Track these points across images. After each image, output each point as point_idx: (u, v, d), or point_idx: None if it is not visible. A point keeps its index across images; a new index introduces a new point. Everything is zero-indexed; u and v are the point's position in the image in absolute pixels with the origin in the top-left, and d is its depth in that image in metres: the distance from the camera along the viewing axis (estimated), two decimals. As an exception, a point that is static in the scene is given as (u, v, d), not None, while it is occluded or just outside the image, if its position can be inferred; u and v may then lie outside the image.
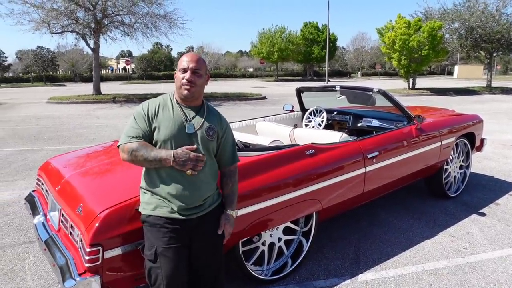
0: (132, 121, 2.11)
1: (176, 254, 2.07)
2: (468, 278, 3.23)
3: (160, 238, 2.06)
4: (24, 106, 17.86)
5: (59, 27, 19.31)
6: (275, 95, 23.20)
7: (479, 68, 56.02)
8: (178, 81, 2.08)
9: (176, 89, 2.12)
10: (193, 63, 2.06)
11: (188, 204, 2.07)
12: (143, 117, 2.08)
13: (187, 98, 2.10)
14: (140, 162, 2.04)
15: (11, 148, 8.40)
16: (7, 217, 4.53)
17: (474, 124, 5.19)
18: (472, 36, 25.09)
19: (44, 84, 43.63)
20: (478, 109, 14.29)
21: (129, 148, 2.03)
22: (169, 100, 2.15)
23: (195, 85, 2.07)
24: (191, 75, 2.05)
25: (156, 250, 2.07)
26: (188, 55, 2.12)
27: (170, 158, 1.97)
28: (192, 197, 2.07)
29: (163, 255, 2.06)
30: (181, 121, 2.08)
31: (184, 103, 2.13)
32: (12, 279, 3.25)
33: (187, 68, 2.06)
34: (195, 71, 2.07)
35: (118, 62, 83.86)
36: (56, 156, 3.73)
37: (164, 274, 2.06)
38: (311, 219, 3.35)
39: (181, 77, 2.07)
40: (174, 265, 2.06)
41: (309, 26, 49.77)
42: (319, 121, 5.14)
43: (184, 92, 2.07)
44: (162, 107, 2.11)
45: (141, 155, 2.01)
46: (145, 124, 2.07)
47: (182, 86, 2.06)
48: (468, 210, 4.67)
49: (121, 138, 2.10)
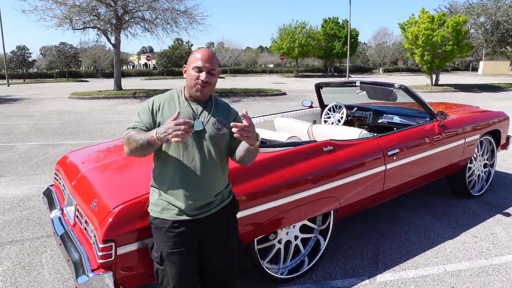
0: (136, 115, 2.07)
1: (181, 258, 2.02)
2: (492, 280, 3.11)
3: (165, 242, 2.02)
4: (47, 101, 18.21)
5: (81, 23, 19.61)
6: (294, 91, 23.07)
7: (505, 64, 54.62)
8: (191, 80, 1.99)
9: (187, 87, 2.05)
10: (208, 62, 1.98)
11: (196, 202, 2.01)
12: (147, 111, 2.03)
13: (199, 99, 2.05)
14: (135, 150, 1.95)
15: (33, 143, 8.55)
16: (26, 211, 4.59)
17: (499, 121, 5.02)
18: (498, 31, 24.45)
19: (67, 79, 44.45)
20: (504, 106, 13.88)
21: (126, 138, 2.00)
22: (176, 95, 2.09)
23: (210, 85, 2.01)
24: (206, 76, 1.97)
25: (161, 254, 2.04)
26: (201, 52, 2.01)
27: (153, 135, 1.85)
28: (201, 193, 2.01)
29: (168, 260, 2.03)
30: (189, 117, 2.00)
31: (192, 98, 2.07)
32: (29, 272, 3.28)
33: (202, 68, 1.97)
34: (210, 71, 1.99)
35: (140, 58, 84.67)
36: (74, 150, 3.75)
37: (170, 277, 2.04)
38: (328, 217, 3.28)
39: (195, 76, 1.98)
40: (180, 269, 2.02)
41: (330, 22, 49.31)
42: (339, 117, 5.04)
43: (197, 94, 2.01)
44: (168, 102, 2.05)
45: (133, 140, 1.94)
46: (148, 118, 2.02)
47: (196, 85, 1.99)
48: (492, 210, 4.52)
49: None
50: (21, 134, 9.59)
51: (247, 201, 2.61)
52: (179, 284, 2.04)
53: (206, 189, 2.03)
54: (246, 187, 2.61)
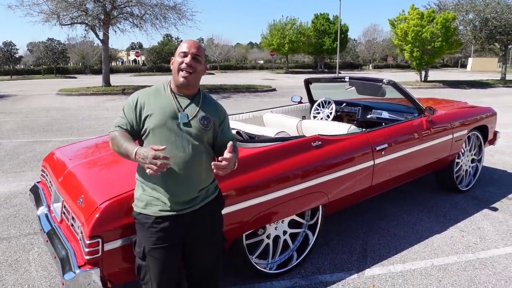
0: (121, 111, 2.06)
1: (163, 254, 2.00)
2: (479, 274, 3.14)
3: (148, 238, 2.00)
4: (34, 98, 17.98)
5: (69, 19, 19.34)
6: (284, 87, 23.06)
7: (493, 61, 55.18)
8: (176, 65, 1.98)
9: (173, 76, 2.03)
10: (194, 48, 1.98)
11: (181, 197, 1.99)
12: (131, 107, 2.02)
13: (183, 86, 2.00)
14: (118, 151, 1.99)
15: (20, 140, 8.44)
16: (13, 208, 4.53)
17: (487, 116, 5.07)
18: (486, 28, 24.66)
19: (55, 76, 43.92)
20: (492, 102, 14.02)
21: (110, 137, 2.02)
22: (162, 88, 2.07)
23: (195, 71, 1.98)
24: (191, 60, 1.96)
25: (144, 249, 2.02)
26: (188, 41, 2.02)
27: (132, 154, 1.87)
28: (185, 188, 1.99)
29: (150, 255, 2.01)
30: (173, 110, 1.99)
31: (179, 91, 2.04)
32: (16, 270, 3.25)
33: (187, 52, 1.97)
34: (196, 56, 1.98)
35: (128, 54, 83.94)
36: (61, 147, 3.71)
37: (152, 273, 2.02)
38: (317, 212, 3.29)
39: (179, 61, 1.97)
40: (162, 265, 2.00)
41: (320, 18, 49.34)
42: (328, 112, 5.05)
43: (180, 80, 1.97)
44: (154, 95, 2.03)
45: (115, 144, 1.97)
46: (132, 115, 2.01)
47: (180, 71, 1.97)
48: (480, 204, 4.57)
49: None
50: (8, 131, 9.46)
51: (235, 196, 2.60)
52: (161, 280, 2.02)
53: (190, 183, 2.00)
54: (234, 182, 2.60)
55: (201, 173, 2.04)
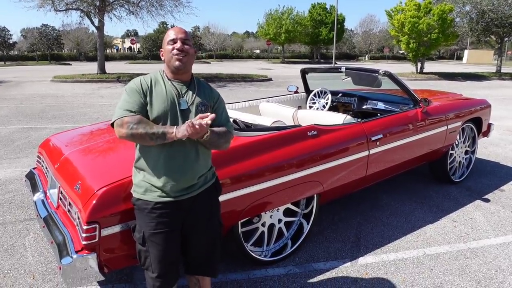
0: (125, 97, 1.99)
1: (163, 239, 2.02)
2: (470, 263, 3.20)
3: (148, 223, 2.02)
4: (28, 84, 17.83)
5: (64, 5, 19.10)
6: (280, 77, 23.01)
7: (489, 53, 55.27)
8: (168, 54, 2.00)
9: (166, 63, 2.04)
10: (181, 33, 2.01)
11: (179, 183, 2.00)
12: (137, 91, 1.98)
13: (179, 70, 2.00)
14: (140, 137, 1.90)
15: (14, 126, 8.40)
16: (8, 194, 4.53)
17: (481, 109, 5.10)
18: (483, 20, 24.61)
19: (49, 62, 43.53)
20: (487, 95, 14.10)
21: (129, 122, 1.89)
22: (159, 76, 2.07)
23: (188, 54, 2.00)
24: (181, 44, 1.98)
25: (143, 235, 2.04)
26: (175, 28, 2.06)
27: (173, 129, 1.87)
28: (184, 174, 2.01)
29: (150, 240, 2.03)
30: (173, 96, 2.00)
31: (175, 77, 2.05)
32: (12, 255, 3.26)
33: (176, 38, 1.99)
34: (185, 41, 2.00)
35: (124, 41, 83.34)
36: (57, 133, 3.70)
37: (153, 257, 2.04)
38: (312, 201, 3.32)
39: (170, 48, 1.99)
40: (162, 250, 2.03)
41: (317, 7, 49.06)
42: (324, 102, 5.07)
43: (176, 63, 1.98)
44: (154, 83, 2.03)
45: (142, 127, 1.88)
46: (140, 99, 1.96)
47: (173, 57, 1.98)
48: (472, 195, 4.63)
49: (116, 112, 1.95)
50: (2, 118, 9.40)
51: (231, 184, 2.62)
52: (162, 264, 2.04)
53: (189, 170, 2.02)
54: (230, 170, 2.63)
55: (200, 160, 2.06)
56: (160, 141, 1.91)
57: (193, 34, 52.60)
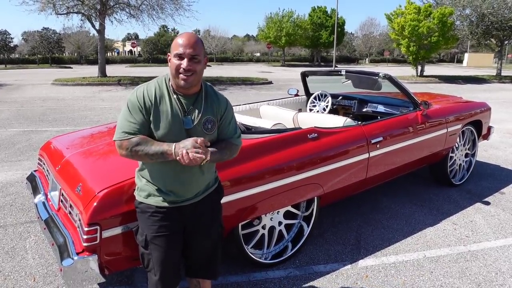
0: (126, 114, 1.89)
1: (165, 242, 2.01)
2: (470, 266, 3.20)
3: (150, 226, 2.01)
4: (29, 87, 17.87)
5: (65, 8, 19.20)
6: (281, 80, 23.04)
7: (489, 57, 55.29)
8: (173, 69, 1.85)
9: (172, 77, 1.91)
10: (189, 48, 1.83)
11: (184, 195, 2.00)
12: (139, 108, 1.88)
13: (184, 88, 1.89)
14: (140, 157, 1.88)
15: (15, 129, 8.42)
16: (9, 197, 4.54)
17: (481, 111, 5.11)
18: (483, 23, 24.62)
19: (50, 66, 43.63)
20: (487, 98, 14.10)
21: (128, 145, 1.85)
22: (165, 87, 1.93)
23: (195, 72, 1.86)
24: (188, 63, 1.83)
25: (146, 237, 2.03)
26: (183, 36, 1.86)
27: (172, 150, 1.81)
28: (187, 189, 2.00)
29: (153, 243, 2.02)
30: (178, 115, 1.90)
31: (181, 91, 1.92)
32: (13, 257, 3.27)
33: (183, 54, 1.83)
34: (193, 57, 1.84)
35: (124, 44, 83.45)
36: (58, 136, 3.72)
37: (155, 260, 2.04)
38: (312, 203, 3.33)
39: (176, 64, 1.84)
40: (164, 253, 2.02)
41: (317, 11, 49.20)
42: (324, 105, 5.08)
43: (181, 83, 1.86)
44: (159, 97, 1.91)
45: (141, 149, 1.84)
46: (142, 117, 1.87)
47: (179, 75, 1.85)
48: (472, 198, 4.63)
49: (117, 132, 1.89)
50: (3, 120, 9.42)
51: (231, 186, 2.63)
52: (164, 267, 2.04)
53: (194, 183, 2.01)
54: (231, 172, 2.63)
55: (205, 173, 2.04)
56: (162, 160, 1.87)
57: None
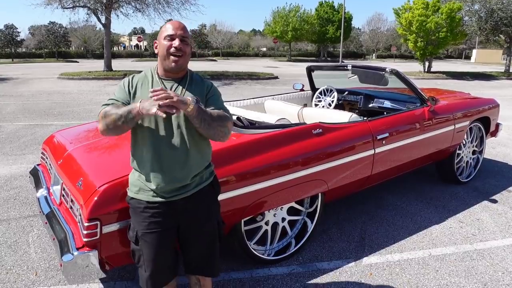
0: (111, 95, 1.97)
1: (156, 239, 1.98)
2: (476, 265, 3.15)
3: (140, 223, 1.98)
4: (35, 81, 17.92)
5: (71, 2, 19.21)
6: (287, 75, 22.95)
7: (497, 53, 54.74)
8: (163, 50, 1.88)
9: (161, 60, 1.93)
10: (180, 30, 1.89)
11: (170, 184, 1.93)
12: (123, 89, 1.94)
13: (174, 71, 1.92)
14: (112, 124, 1.82)
15: (21, 123, 8.43)
16: (13, 190, 4.54)
17: (489, 108, 5.04)
18: (492, 19, 24.35)
19: (57, 60, 43.76)
20: (495, 94, 13.95)
21: (102, 114, 1.86)
22: (149, 73, 1.98)
23: (185, 54, 1.90)
24: (180, 43, 1.87)
25: (137, 234, 2.01)
26: (173, 22, 1.93)
27: (137, 105, 1.76)
28: (175, 175, 1.93)
29: (143, 239, 1.99)
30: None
31: (167, 76, 1.96)
32: (15, 251, 3.26)
33: (174, 35, 1.87)
34: (183, 38, 1.89)
35: (131, 39, 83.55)
36: (61, 130, 3.70)
37: (145, 257, 2.01)
38: (316, 200, 3.29)
39: (167, 45, 1.87)
40: (155, 250, 1.99)
41: (325, 5, 48.90)
42: (329, 100, 5.02)
43: (172, 65, 1.88)
44: (142, 82, 1.96)
45: (112, 113, 1.81)
46: (126, 96, 1.92)
47: (170, 56, 1.87)
48: (479, 196, 4.57)
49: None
50: (9, 114, 9.45)
51: (235, 182, 2.60)
52: (154, 263, 2.01)
53: (178, 171, 1.93)
54: (234, 167, 2.60)
55: (192, 159, 1.96)
56: (131, 122, 1.82)
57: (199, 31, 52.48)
